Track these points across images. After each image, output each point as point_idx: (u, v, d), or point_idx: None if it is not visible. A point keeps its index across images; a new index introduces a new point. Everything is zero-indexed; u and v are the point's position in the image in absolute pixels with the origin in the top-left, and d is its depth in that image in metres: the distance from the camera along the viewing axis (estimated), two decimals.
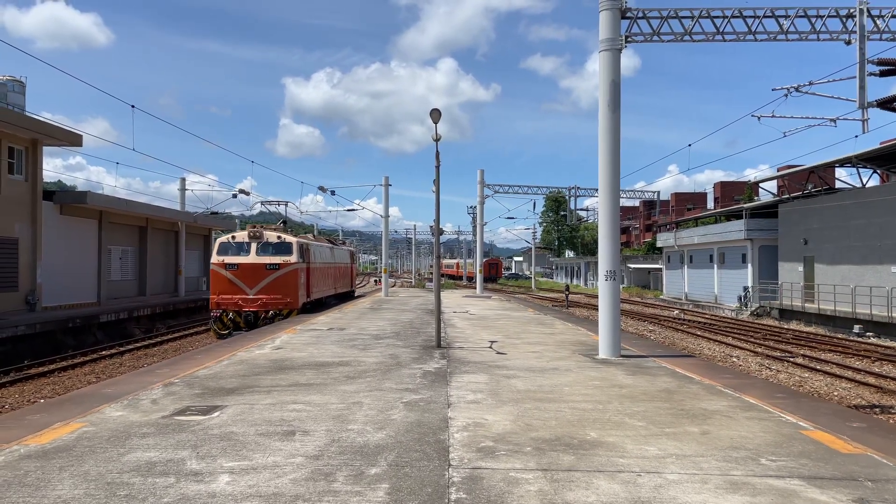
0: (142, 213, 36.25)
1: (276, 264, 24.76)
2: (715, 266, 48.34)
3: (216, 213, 46.07)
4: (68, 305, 29.17)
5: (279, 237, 25.49)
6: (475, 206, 48.29)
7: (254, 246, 25.08)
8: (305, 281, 26.55)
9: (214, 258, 25.13)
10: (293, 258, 25.16)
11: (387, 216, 41.70)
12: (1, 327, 20.17)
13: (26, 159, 26.50)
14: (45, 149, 27.84)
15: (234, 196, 40.06)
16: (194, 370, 11.15)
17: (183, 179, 46.80)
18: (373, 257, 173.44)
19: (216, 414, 7.86)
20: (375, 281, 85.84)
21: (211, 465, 5.85)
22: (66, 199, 30.15)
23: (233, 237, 25.66)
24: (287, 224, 31.67)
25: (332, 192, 41.67)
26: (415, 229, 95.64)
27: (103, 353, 22.19)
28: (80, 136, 28.06)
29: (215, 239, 31.99)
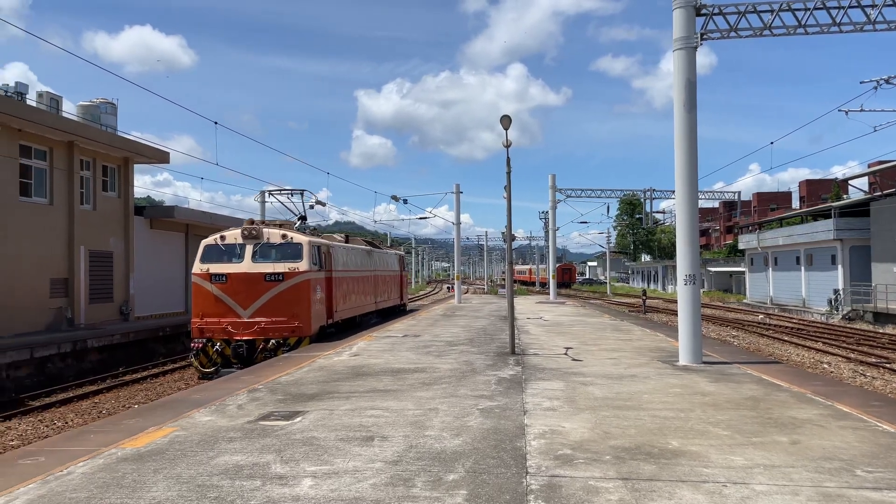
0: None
1: (278, 274, 17.20)
2: (802, 268, 46.23)
3: (315, 229, 47.33)
4: (158, 315, 30.62)
5: (284, 236, 17.85)
6: (547, 211, 47.91)
7: (249, 249, 17.53)
8: (325, 295, 19.07)
9: (196, 267, 17.62)
10: (303, 264, 17.48)
11: (458, 223, 41.89)
12: (98, 336, 21.37)
13: (119, 177, 28.03)
14: (136, 166, 29.39)
15: (311, 207, 41.06)
16: (276, 376, 11.50)
17: (263, 192, 48.40)
18: (445, 264, 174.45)
19: (298, 419, 8.09)
20: (448, 288, 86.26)
21: (294, 469, 6.02)
22: (155, 213, 31.69)
23: (221, 237, 17.93)
24: (306, 222, 22.78)
25: (405, 201, 42.19)
26: (486, 236, 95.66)
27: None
28: (168, 154, 29.49)
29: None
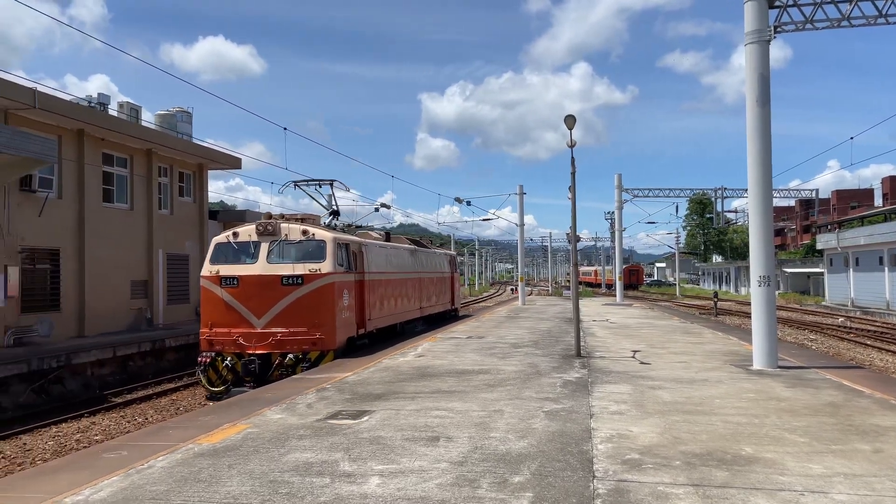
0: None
1: (296, 277, 14.83)
2: (886, 269, 43.95)
3: (360, 226, 48.15)
4: None
5: (305, 232, 15.42)
6: (613, 212, 47.14)
7: (264, 248, 15.21)
8: (355, 302, 16.50)
9: (205, 268, 15.45)
10: (327, 265, 14.99)
11: (522, 224, 41.69)
12: (175, 336, 22.26)
13: (194, 182, 29.14)
14: (210, 172, 30.47)
15: (376, 210, 41.64)
16: (344, 376, 11.72)
17: (330, 196, 49.32)
18: (508, 266, 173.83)
19: (365, 418, 8.23)
20: (512, 290, 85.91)
21: (362, 468, 6.13)
22: (228, 217, 32.75)
23: (234, 233, 15.63)
24: (337, 217, 19.87)
25: (468, 203, 42.29)
26: (550, 237, 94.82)
27: None
28: (240, 160, 30.47)
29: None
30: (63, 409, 15.49)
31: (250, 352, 14.62)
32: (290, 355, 14.46)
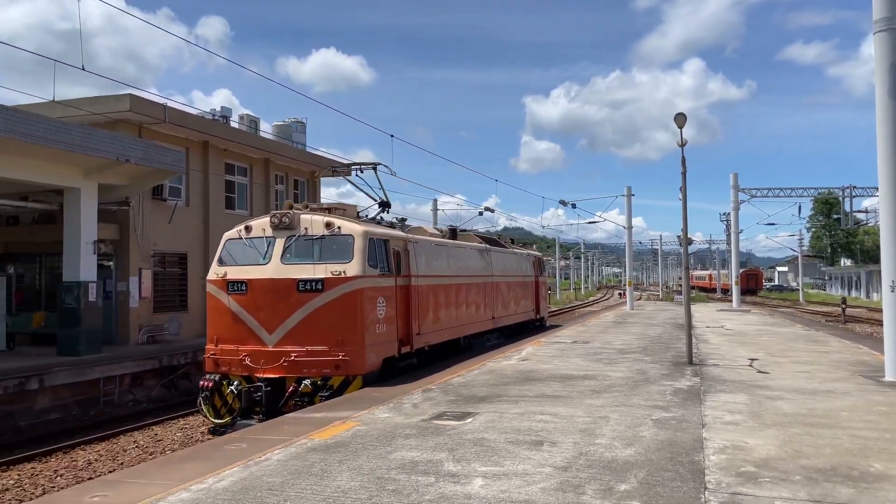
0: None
1: (315, 282, 11.78)
2: None
3: (464, 230, 48.54)
4: None
5: (329, 225, 12.28)
6: (728, 213, 45.06)
7: (278, 245, 12.27)
8: (398, 312, 13.23)
9: (212, 270, 12.72)
10: (354, 266, 11.89)
11: (630, 227, 40.62)
12: None
13: (308, 189, 30.44)
14: (322, 178, 31.70)
15: (480, 214, 41.88)
16: (448, 378, 11.88)
17: (435, 200, 50.14)
18: (615, 270, 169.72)
19: (469, 420, 8.31)
20: (619, 294, 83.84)
21: (466, 469, 6.20)
22: None
23: (246, 227, 12.77)
24: (387, 209, 16.28)
25: (573, 206, 41.68)
26: (660, 239, 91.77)
27: None
28: (350, 167, 31.50)
29: None
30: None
31: (259, 375, 11.61)
32: (307, 381, 11.30)
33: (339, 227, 12.31)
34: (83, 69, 11.66)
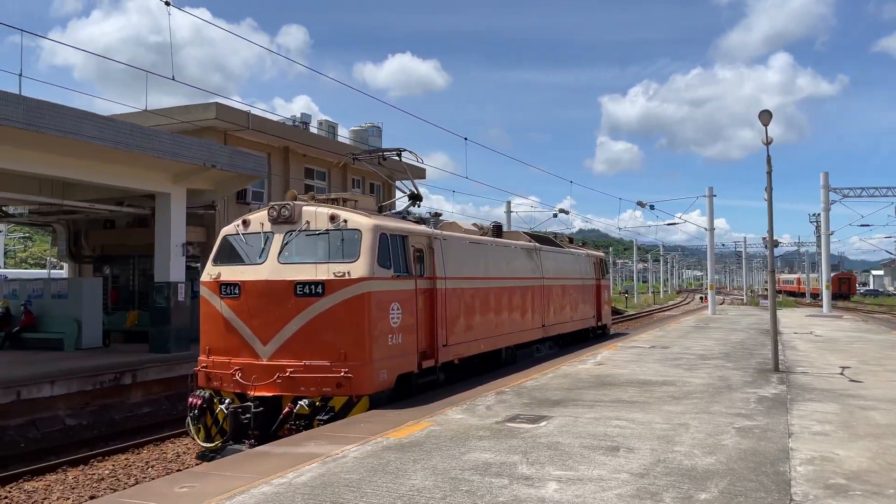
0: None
1: (315, 284, 10.09)
2: None
3: (537, 233, 48.11)
4: None
5: (334, 217, 10.52)
6: (818, 214, 42.93)
7: (276, 241, 10.60)
8: (421, 319, 11.39)
9: (206, 271, 11.05)
10: (360, 266, 10.13)
11: (711, 229, 39.31)
12: None
13: (383, 193, 30.96)
14: (397, 182, 32.16)
15: (555, 216, 41.48)
16: (522, 381, 11.83)
17: (508, 203, 50.00)
18: (696, 273, 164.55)
19: (543, 423, 8.25)
20: (700, 298, 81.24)
21: (540, 472, 6.17)
22: None
23: (243, 222, 11.09)
24: (418, 202, 14.11)
25: (651, 207, 40.68)
26: (744, 241, 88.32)
27: None
28: (424, 170, 31.87)
29: None
30: None
31: (252, 393, 9.89)
32: (304, 401, 9.62)
33: (345, 221, 10.40)
34: (173, 79, 12.24)
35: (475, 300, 13.38)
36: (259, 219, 10.85)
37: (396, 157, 13.82)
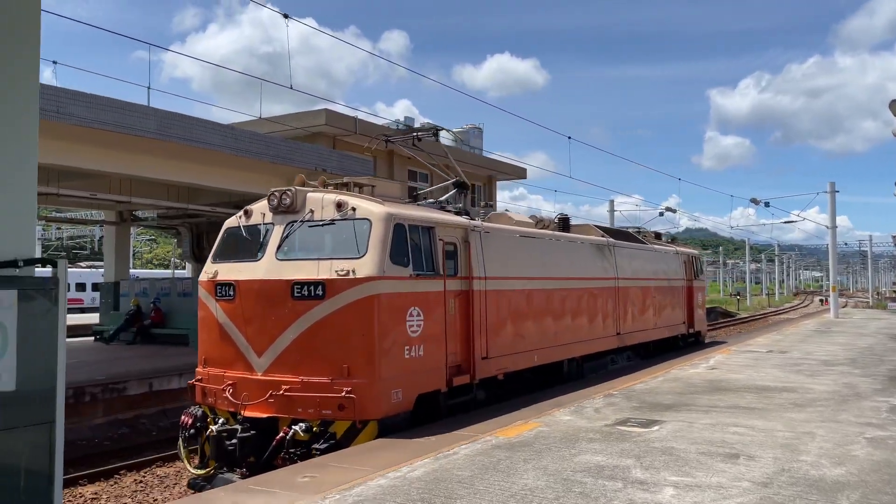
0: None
1: (314, 285, 8.38)
2: None
3: (639, 230, 46.84)
4: None
5: (341, 205, 8.71)
6: None
7: (276, 233, 8.97)
8: (451, 329, 9.49)
9: (205, 269, 9.72)
10: (367, 263, 8.34)
11: (833, 227, 36.91)
12: None
13: (484, 193, 31.13)
14: (498, 182, 32.26)
15: (661, 214, 40.25)
16: (630, 384, 11.58)
17: (612, 201, 48.98)
18: (816, 273, 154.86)
19: (655, 428, 8.06)
20: (821, 301, 76.42)
21: (655, 477, 6.04)
22: None
23: (245, 212, 9.56)
24: (464, 191, 12.11)
25: (766, 204, 38.68)
26: (870, 240, 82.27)
27: None
28: (525, 170, 31.82)
29: None
30: None
31: (244, 413, 8.44)
32: (301, 425, 8.06)
33: (353, 209, 8.63)
34: (291, 88, 12.83)
35: (527, 304, 11.39)
36: (261, 208, 9.31)
37: (433, 138, 12.07)
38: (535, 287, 11.75)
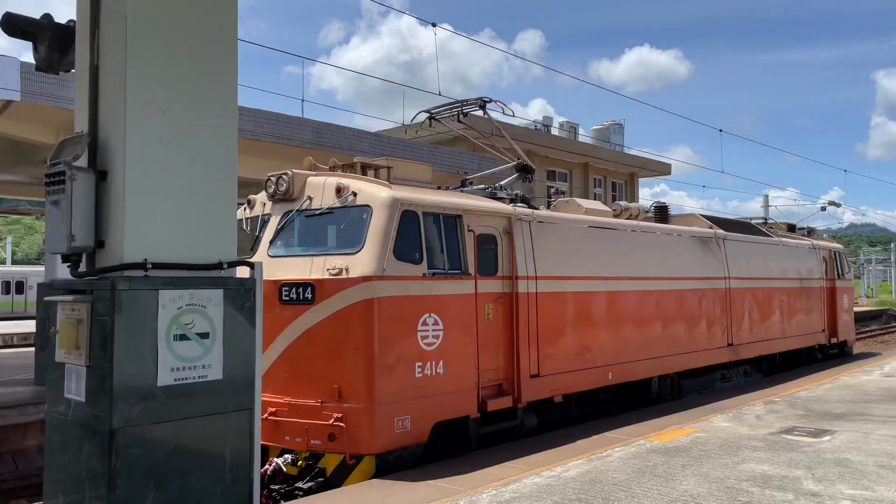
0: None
1: (302, 287, 7.06)
2: None
3: (803, 228, 43.63)
4: None
5: (340, 189, 7.28)
6: None
7: (272, 225, 7.76)
8: (485, 340, 7.73)
9: None
10: (364, 259, 6.88)
11: None
12: None
13: (626, 191, 30.36)
14: (640, 179, 31.32)
15: (823, 209, 37.32)
16: (794, 391, 10.90)
17: (766, 196, 46.01)
18: None
19: (826, 438, 7.55)
20: None
21: (829, 489, 5.68)
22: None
23: (248, 202, 8.24)
24: (529, 174, 10.61)
25: None
26: None
27: None
28: (670, 166, 30.67)
29: None
30: None
31: None
32: (287, 457, 6.99)
33: (353, 194, 7.28)
34: (439, 94, 13.23)
35: (597, 309, 9.46)
36: (262, 197, 8.17)
37: (479, 111, 10.11)
38: (610, 289, 9.71)
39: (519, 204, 8.85)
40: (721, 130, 21.54)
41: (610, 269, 9.70)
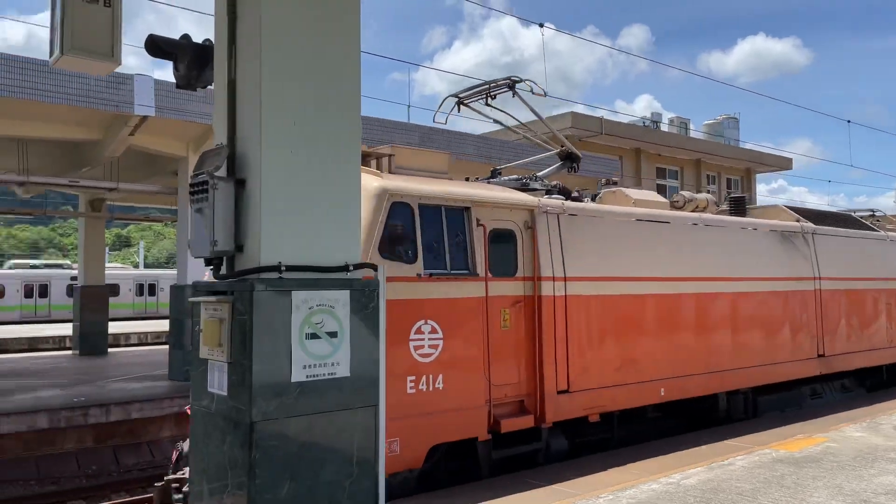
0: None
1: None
2: None
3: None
4: None
5: None
6: None
7: None
8: (499, 350, 6.87)
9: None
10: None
11: None
12: None
13: (741, 188, 28.99)
14: (758, 175, 29.82)
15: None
16: None
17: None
18: None
19: None
20: None
21: None
22: None
23: None
24: (574, 164, 9.61)
25: None
26: None
27: None
28: (790, 160, 29.03)
29: None
30: None
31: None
32: None
33: None
34: (545, 95, 13.23)
35: (645, 314, 8.27)
36: None
37: (507, 91, 8.95)
38: (663, 291, 8.48)
39: (555, 196, 7.93)
40: (849, 121, 20.16)
41: (663, 269, 8.51)
